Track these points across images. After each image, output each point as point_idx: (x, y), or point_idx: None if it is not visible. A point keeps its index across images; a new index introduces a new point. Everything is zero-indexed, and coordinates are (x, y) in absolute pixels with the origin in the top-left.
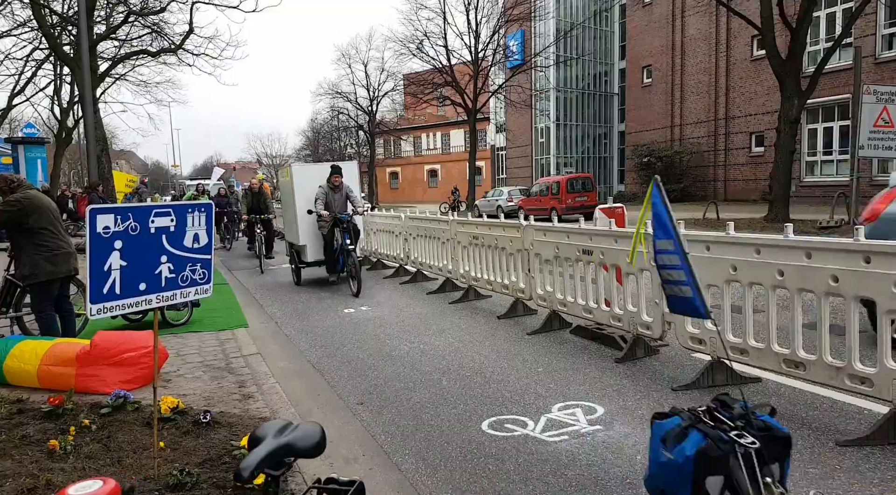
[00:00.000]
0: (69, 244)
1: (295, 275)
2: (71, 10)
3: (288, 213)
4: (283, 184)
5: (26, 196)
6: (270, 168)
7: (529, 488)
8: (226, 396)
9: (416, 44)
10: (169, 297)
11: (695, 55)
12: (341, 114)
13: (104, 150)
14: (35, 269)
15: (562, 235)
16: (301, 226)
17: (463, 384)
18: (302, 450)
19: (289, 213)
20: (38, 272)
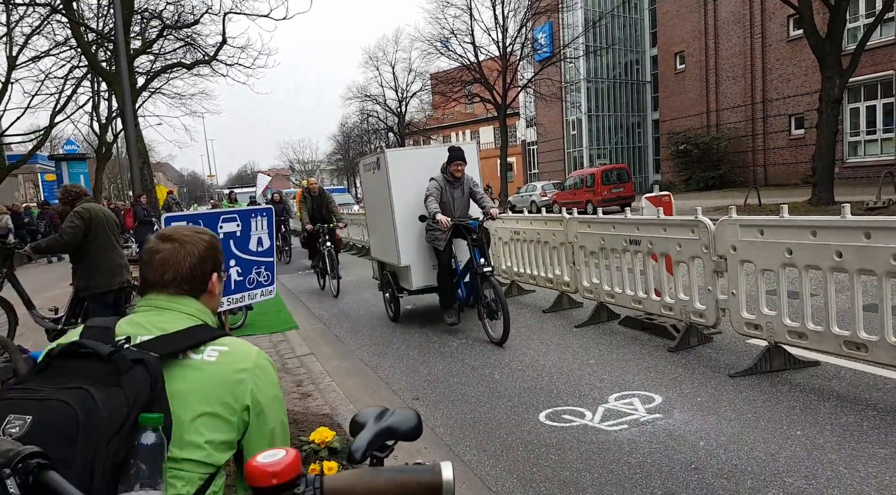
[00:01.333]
0: (122, 256)
1: (390, 306)
2: (107, 28)
3: (378, 221)
4: (369, 181)
5: (85, 209)
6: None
7: (594, 475)
8: (285, 395)
9: (442, 42)
10: (238, 299)
11: (728, 38)
12: (371, 116)
13: (145, 163)
14: (90, 282)
15: (607, 226)
16: (403, 238)
17: (515, 377)
18: (402, 433)
19: (380, 221)
20: (91, 284)
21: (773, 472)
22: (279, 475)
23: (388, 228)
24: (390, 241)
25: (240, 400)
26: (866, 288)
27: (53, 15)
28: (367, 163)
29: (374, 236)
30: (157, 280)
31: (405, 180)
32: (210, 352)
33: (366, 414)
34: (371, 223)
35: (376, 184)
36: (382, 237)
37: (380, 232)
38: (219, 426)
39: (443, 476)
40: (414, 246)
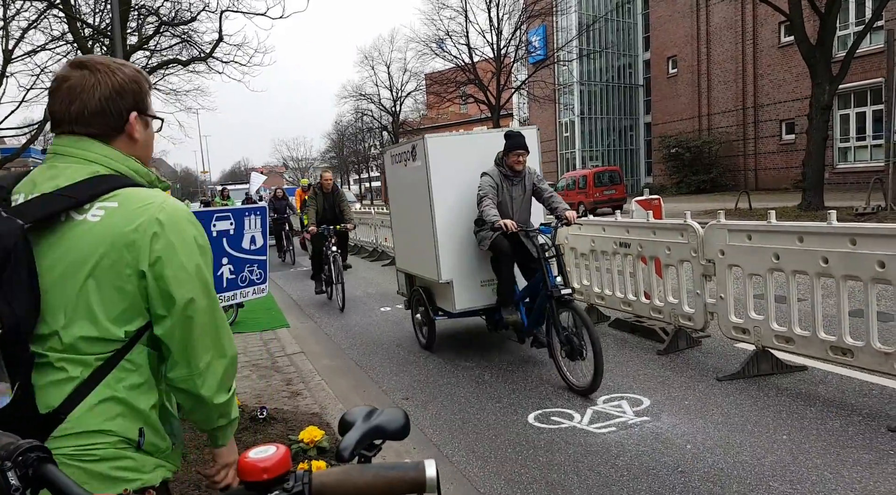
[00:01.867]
0: None
1: (421, 330)
2: (104, 23)
3: (409, 224)
4: (398, 175)
5: None
6: (296, 171)
7: (581, 478)
8: (275, 394)
9: (437, 43)
10: (230, 297)
11: (721, 44)
12: (365, 115)
13: None
14: None
15: (597, 228)
16: (445, 247)
17: (505, 378)
18: (390, 433)
19: (411, 225)
20: None
21: (759, 476)
22: (270, 470)
23: (425, 234)
24: (427, 250)
25: (132, 265)
26: (852, 293)
27: (50, 10)
28: (397, 154)
29: (402, 242)
30: (62, 114)
31: (450, 174)
32: (96, 211)
33: (354, 413)
34: (398, 226)
35: (409, 178)
36: (415, 244)
37: (410, 237)
38: (111, 297)
39: (427, 473)
40: (459, 256)
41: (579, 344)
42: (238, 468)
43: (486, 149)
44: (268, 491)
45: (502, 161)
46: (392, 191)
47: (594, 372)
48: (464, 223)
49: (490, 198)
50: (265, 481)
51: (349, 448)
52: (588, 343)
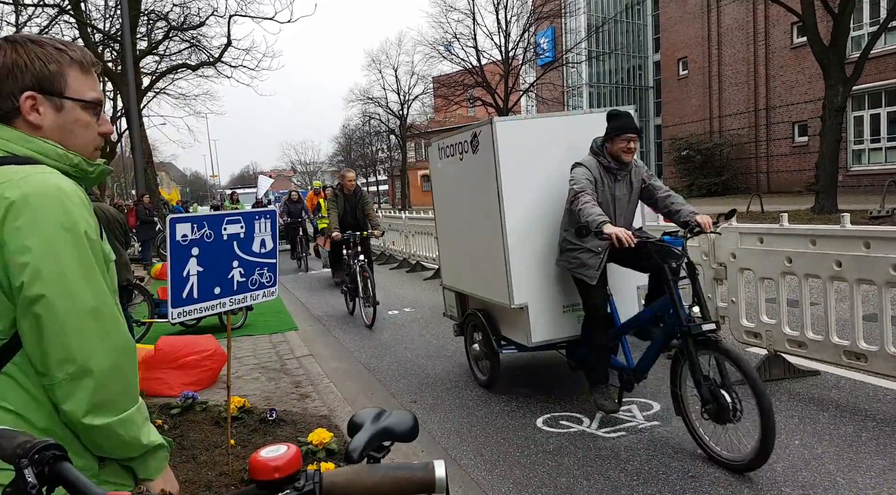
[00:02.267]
0: (122, 255)
1: (477, 365)
2: (114, 29)
3: (462, 232)
4: (448, 171)
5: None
6: (304, 175)
7: (591, 482)
8: (284, 396)
9: (445, 45)
10: (240, 300)
11: (732, 45)
12: (373, 119)
13: (149, 163)
14: None
15: None
16: (518, 261)
17: (513, 382)
18: (398, 435)
19: (471, 234)
20: None
21: (771, 482)
22: (281, 469)
23: (489, 245)
24: (492, 265)
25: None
26: (866, 297)
27: (61, 15)
28: (448, 145)
29: (453, 254)
30: None
31: (525, 168)
32: None
33: (363, 414)
34: (447, 234)
35: (467, 175)
36: (472, 257)
37: (466, 248)
38: None
39: (436, 473)
40: (536, 273)
41: (732, 401)
42: (250, 467)
43: (576, 135)
44: (279, 489)
45: (602, 148)
46: (439, 192)
47: (761, 440)
48: (544, 231)
49: (590, 193)
50: (276, 480)
51: (358, 449)
52: (741, 397)
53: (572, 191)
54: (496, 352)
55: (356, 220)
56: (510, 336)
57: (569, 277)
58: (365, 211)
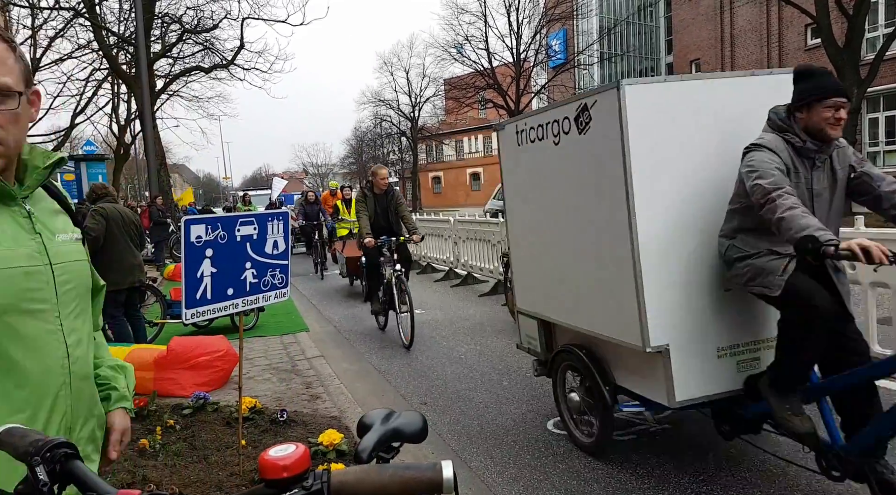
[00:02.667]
0: (136, 256)
1: (576, 423)
2: (128, 32)
3: (563, 242)
4: (535, 162)
5: (102, 207)
6: (316, 177)
7: (602, 485)
8: (295, 397)
9: (457, 48)
10: (253, 301)
11: (745, 47)
12: (384, 121)
13: (162, 164)
14: (105, 278)
15: None
16: (653, 283)
17: (524, 384)
18: (408, 435)
19: (568, 243)
20: (106, 280)
21: (783, 486)
22: (289, 468)
23: (605, 260)
24: (608, 289)
25: None
26: (881, 301)
27: (77, 18)
28: (534, 126)
29: (532, 268)
30: None
31: (663, 151)
32: None
33: (373, 415)
34: (524, 241)
35: (563, 163)
36: (568, 274)
37: (557, 262)
38: None
39: (444, 473)
40: (677, 303)
41: None
42: (259, 466)
43: (741, 105)
44: (287, 489)
45: (791, 121)
46: (515, 188)
47: None
48: (691, 241)
49: (789, 190)
50: (285, 479)
51: (367, 449)
52: None
53: (759, 189)
54: (608, 406)
55: (389, 224)
56: (634, 388)
57: (726, 307)
58: (399, 213)
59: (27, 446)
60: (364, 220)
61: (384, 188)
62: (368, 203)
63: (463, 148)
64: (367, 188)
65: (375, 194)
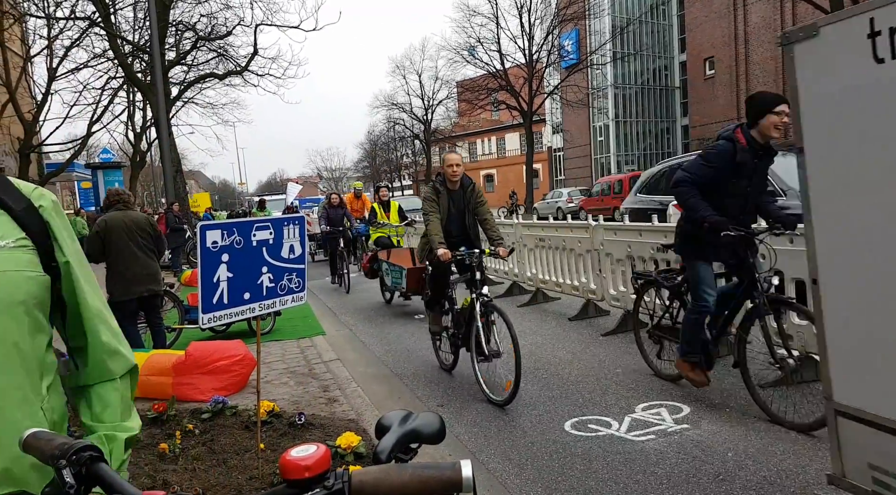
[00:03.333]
0: (147, 265)
1: None
2: (143, 40)
3: None
4: None
5: (102, 220)
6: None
7: (620, 486)
8: (312, 400)
9: (469, 50)
10: (269, 305)
11: (759, 44)
12: (397, 124)
13: (178, 171)
14: (113, 289)
15: (634, 234)
16: None
17: (541, 386)
18: (426, 436)
19: None
20: (113, 291)
21: (803, 484)
22: (311, 468)
23: None
24: None
25: None
26: None
27: (92, 28)
28: None
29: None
30: None
31: None
32: None
33: (391, 416)
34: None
35: None
36: None
37: None
38: None
39: (463, 472)
40: None
41: None
42: (280, 466)
43: None
44: (309, 489)
45: None
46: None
47: None
48: None
49: None
50: (306, 479)
51: (386, 451)
52: None
53: None
54: None
55: (464, 230)
56: None
57: None
58: (479, 215)
59: (53, 449)
60: (435, 225)
61: (457, 184)
62: (441, 201)
63: (476, 150)
64: (438, 182)
65: (449, 190)
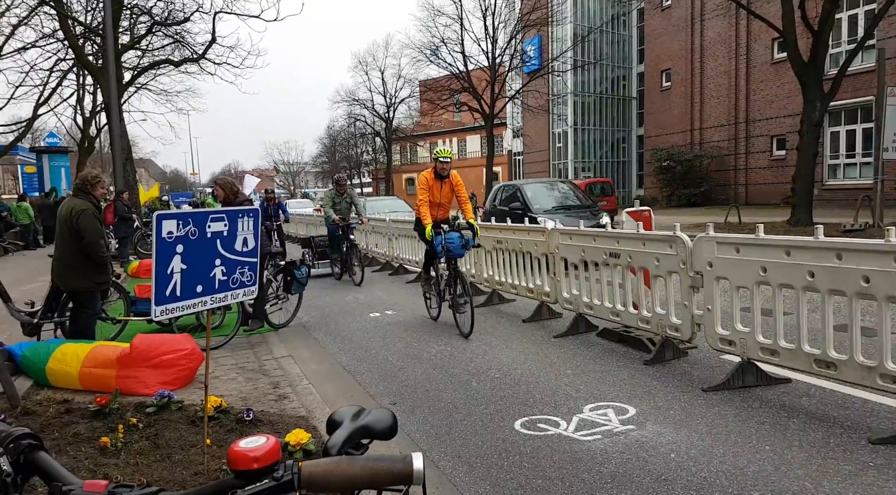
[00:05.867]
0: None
1: None
2: (95, 22)
3: None
4: None
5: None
6: (287, 175)
7: (566, 484)
8: (262, 397)
9: (432, 50)
10: (221, 299)
11: (714, 58)
12: (358, 121)
13: (128, 159)
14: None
15: (588, 239)
16: None
17: (493, 385)
18: (377, 433)
19: None
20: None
21: (741, 486)
22: (260, 459)
23: None
24: None
25: None
26: (837, 308)
27: (42, 6)
28: None
29: None
30: None
31: None
32: None
33: (342, 412)
34: None
35: None
36: None
37: None
38: None
39: (414, 465)
40: None
41: None
42: (228, 457)
43: None
44: (257, 480)
45: None
46: None
47: None
48: None
49: None
50: (255, 470)
51: (337, 446)
52: None
53: None
54: None
55: None
56: None
57: None
58: None
59: None
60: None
61: None
62: None
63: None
64: None
65: None
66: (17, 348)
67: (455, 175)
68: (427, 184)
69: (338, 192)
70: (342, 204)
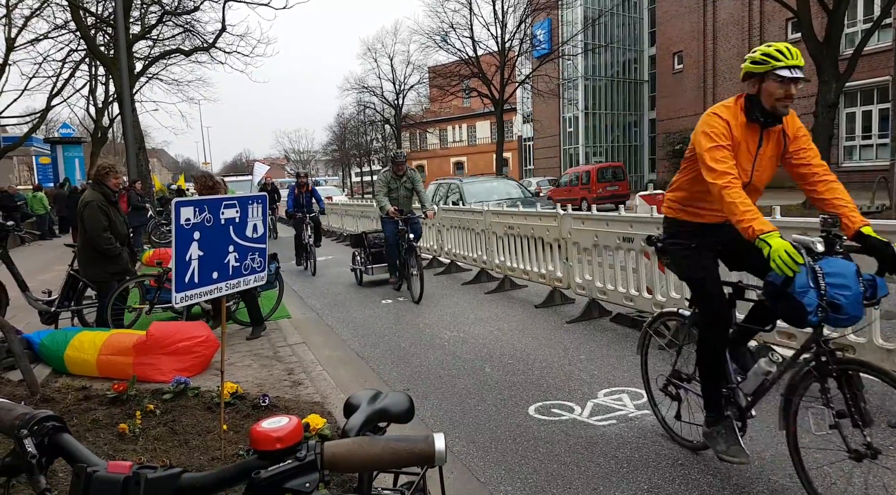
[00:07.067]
0: None
1: None
2: (107, 12)
3: None
4: None
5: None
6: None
7: (581, 469)
8: (277, 383)
9: (441, 35)
10: (234, 285)
11: (727, 40)
12: (367, 108)
13: (141, 148)
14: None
15: (601, 223)
16: None
17: (506, 371)
18: (395, 416)
19: None
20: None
21: (759, 470)
22: (283, 440)
23: None
24: None
25: None
26: None
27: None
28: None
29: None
30: None
31: None
32: None
33: (359, 396)
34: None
35: None
36: None
37: None
38: None
39: (436, 446)
40: None
41: None
42: (251, 437)
43: None
44: (280, 460)
45: None
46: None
47: None
48: None
49: None
50: (278, 450)
51: (354, 429)
52: None
53: None
54: None
55: None
56: None
57: None
58: None
59: (14, 419)
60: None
61: None
62: None
63: (447, 136)
64: None
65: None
66: (35, 336)
67: None
68: None
69: (394, 174)
70: (400, 190)
